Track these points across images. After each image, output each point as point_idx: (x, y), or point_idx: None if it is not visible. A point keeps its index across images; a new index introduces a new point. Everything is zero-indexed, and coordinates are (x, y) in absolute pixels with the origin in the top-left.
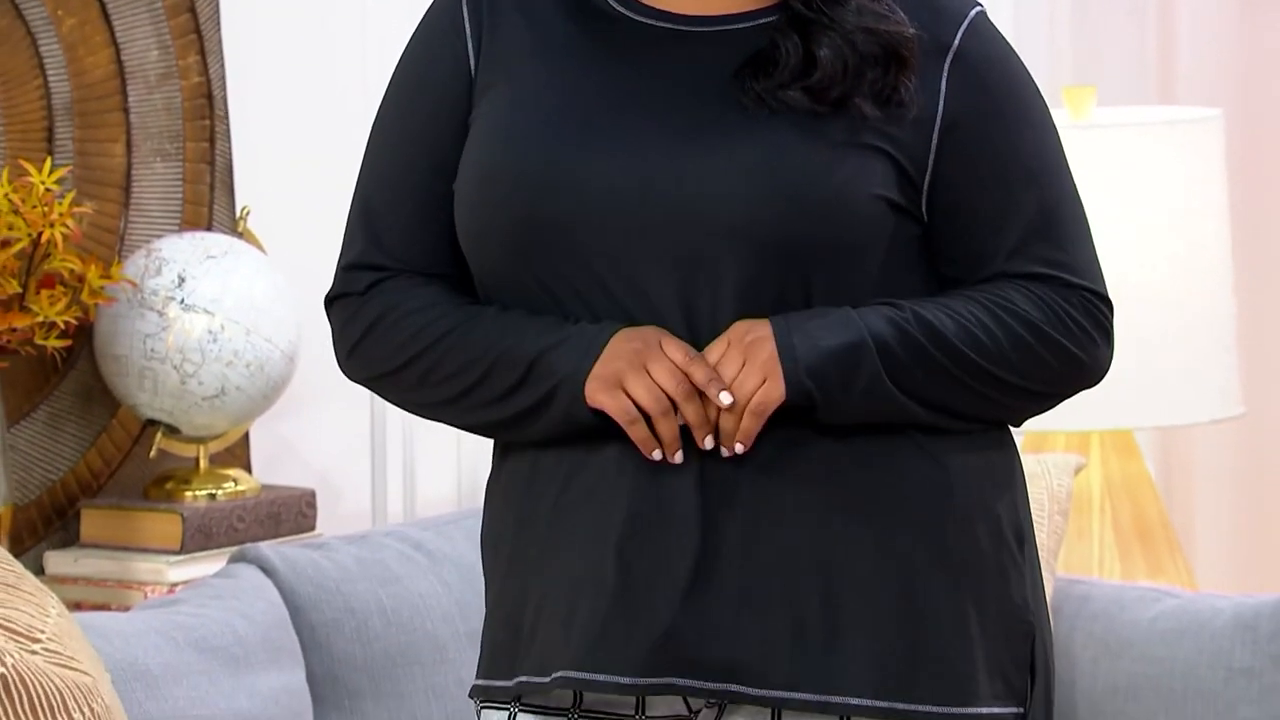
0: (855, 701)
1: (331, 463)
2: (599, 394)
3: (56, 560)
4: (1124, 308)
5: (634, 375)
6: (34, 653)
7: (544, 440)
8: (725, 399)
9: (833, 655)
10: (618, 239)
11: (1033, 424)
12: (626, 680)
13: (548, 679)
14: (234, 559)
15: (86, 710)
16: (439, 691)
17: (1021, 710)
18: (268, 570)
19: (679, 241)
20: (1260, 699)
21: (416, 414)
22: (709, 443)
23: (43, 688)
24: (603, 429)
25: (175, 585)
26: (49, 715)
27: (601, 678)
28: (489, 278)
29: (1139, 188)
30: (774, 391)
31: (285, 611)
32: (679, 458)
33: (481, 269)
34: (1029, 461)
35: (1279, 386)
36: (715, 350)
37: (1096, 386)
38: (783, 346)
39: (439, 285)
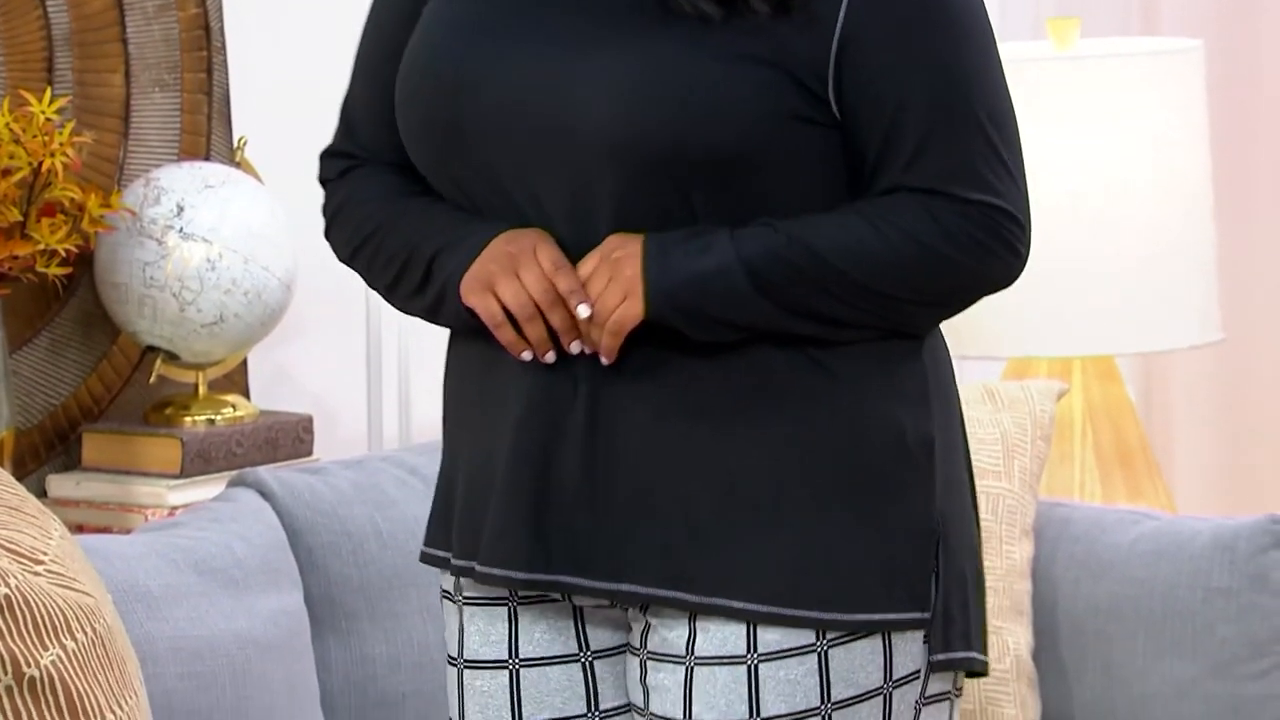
0: (740, 605)
1: (328, 389)
2: (470, 295)
3: (58, 483)
4: (1106, 235)
5: (504, 279)
6: (37, 574)
7: (467, 332)
8: (583, 311)
9: (723, 558)
10: (509, 146)
11: (1015, 350)
12: (520, 575)
13: (460, 564)
14: (233, 483)
15: (89, 630)
16: (434, 613)
17: (928, 616)
18: (266, 494)
19: (563, 153)
20: (1238, 618)
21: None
22: (575, 347)
23: (45, 608)
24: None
25: (175, 509)
26: (52, 635)
27: (498, 572)
28: (422, 173)
29: (1122, 117)
30: (631, 310)
31: (283, 534)
32: (550, 358)
33: (416, 164)
34: (1011, 388)
35: (1258, 312)
36: (587, 264)
37: (1079, 313)
38: (648, 267)
39: (399, 176)
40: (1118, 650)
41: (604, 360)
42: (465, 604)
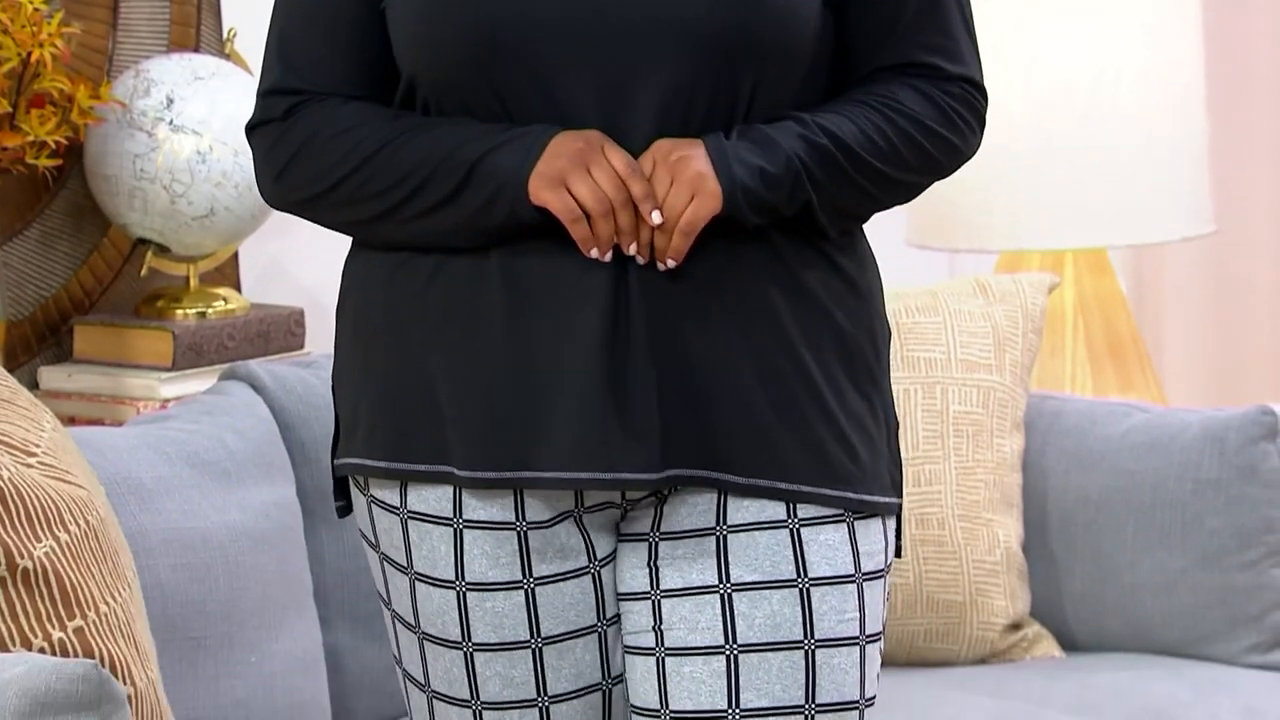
0: (784, 486)
1: (319, 282)
2: (543, 191)
3: (50, 375)
4: (1098, 127)
5: (577, 174)
6: (29, 466)
7: (476, 245)
8: (656, 217)
9: (766, 443)
10: (578, 41)
11: (1007, 243)
12: (587, 476)
13: (502, 475)
14: (224, 376)
15: (81, 522)
16: None
17: (900, 501)
18: (258, 387)
19: (643, 45)
20: (1226, 509)
21: (343, 232)
22: (632, 249)
23: (38, 500)
24: (546, 226)
25: (167, 401)
26: (45, 527)
27: (584, 475)
28: (438, 86)
29: (1114, 7)
30: (705, 207)
31: (275, 428)
32: (608, 258)
33: (432, 76)
34: (1004, 281)
35: (1250, 204)
36: (644, 167)
37: (1070, 206)
38: (716, 164)
39: (360, 104)
40: (1107, 541)
41: (671, 262)
42: (465, 526)
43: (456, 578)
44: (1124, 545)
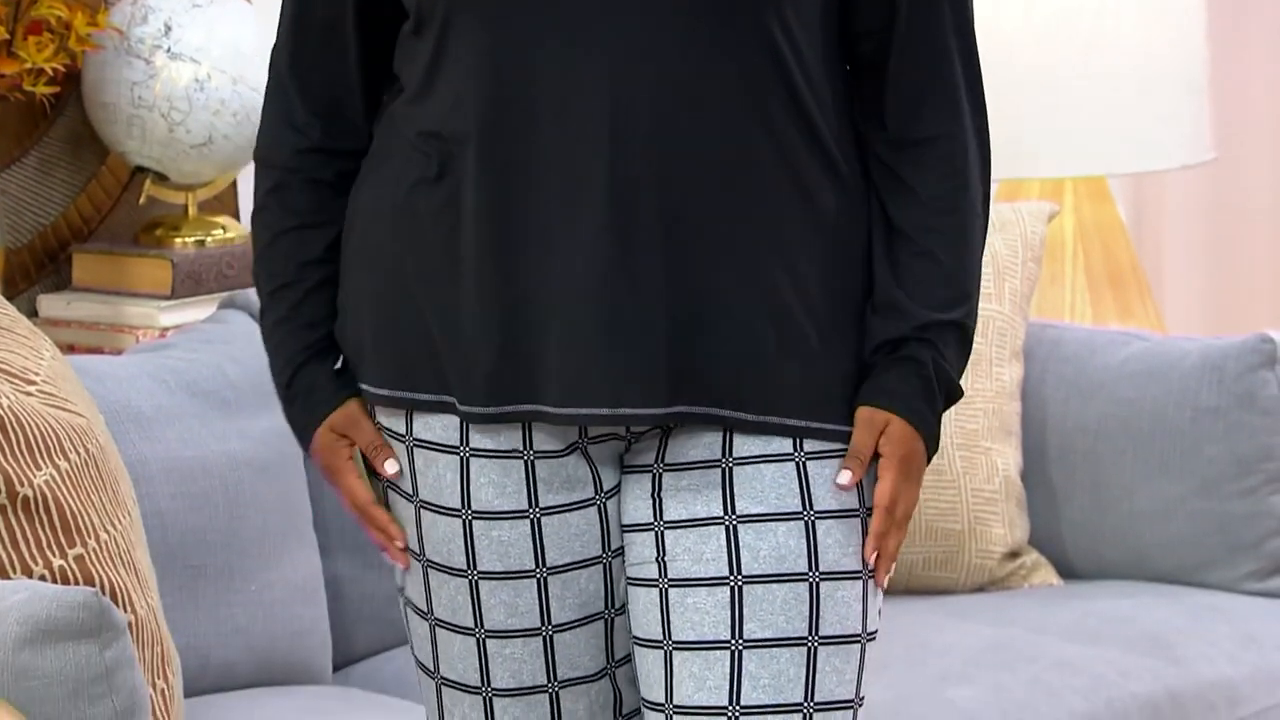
0: (792, 422)
1: None
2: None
3: (49, 303)
4: (1097, 54)
5: (333, 482)
6: (29, 394)
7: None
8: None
9: (774, 380)
10: None
11: (1008, 172)
12: (594, 411)
13: (517, 409)
14: (223, 305)
15: (81, 450)
16: None
17: None
18: (256, 316)
19: None
20: (1225, 437)
21: None
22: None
23: (38, 428)
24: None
25: (166, 330)
26: (45, 455)
27: (584, 411)
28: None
29: None
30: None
31: None
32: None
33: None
34: (1003, 209)
35: (1249, 132)
36: (876, 526)
37: (1070, 134)
38: (929, 449)
39: (316, 194)
40: (1106, 470)
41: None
42: (473, 455)
43: (463, 506)
44: (1122, 473)
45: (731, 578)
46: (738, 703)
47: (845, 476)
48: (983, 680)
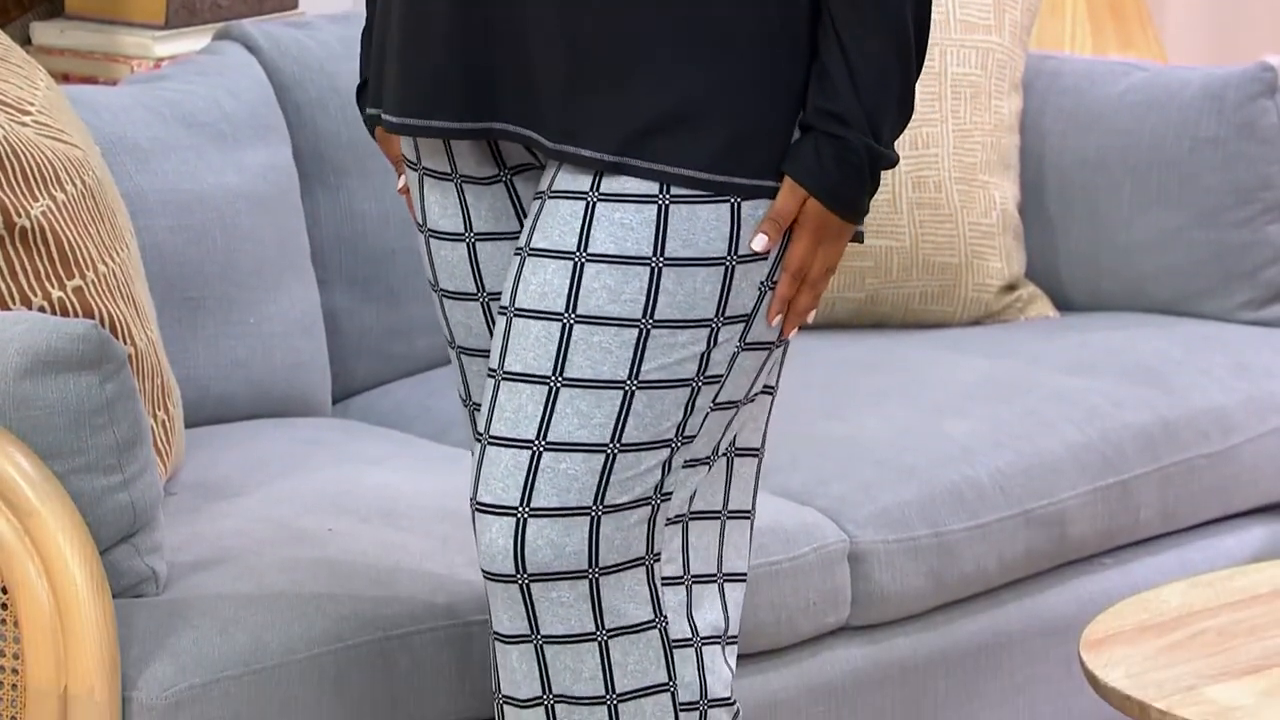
0: (588, 154)
1: None
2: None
3: (42, 31)
4: None
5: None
6: (24, 124)
7: None
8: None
9: (578, 108)
10: None
11: None
12: (442, 125)
13: (393, 120)
14: (218, 36)
15: (78, 182)
16: None
17: (773, 184)
18: (252, 48)
19: None
20: (1223, 166)
21: None
22: None
23: (34, 159)
24: None
25: (161, 60)
26: (41, 186)
27: (414, 122)
28: None
29: None
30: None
31: (270, 90)
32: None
33: None
34: None
35: None
36: (784, 288)
37: None
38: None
39: None
40: (1104, 201)
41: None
42: (425, 174)
43: (423, 223)
44: (1120, 205)
45: (509, 308)
46: (488, 432)
47: (760, 241)
48: (979, 413)
